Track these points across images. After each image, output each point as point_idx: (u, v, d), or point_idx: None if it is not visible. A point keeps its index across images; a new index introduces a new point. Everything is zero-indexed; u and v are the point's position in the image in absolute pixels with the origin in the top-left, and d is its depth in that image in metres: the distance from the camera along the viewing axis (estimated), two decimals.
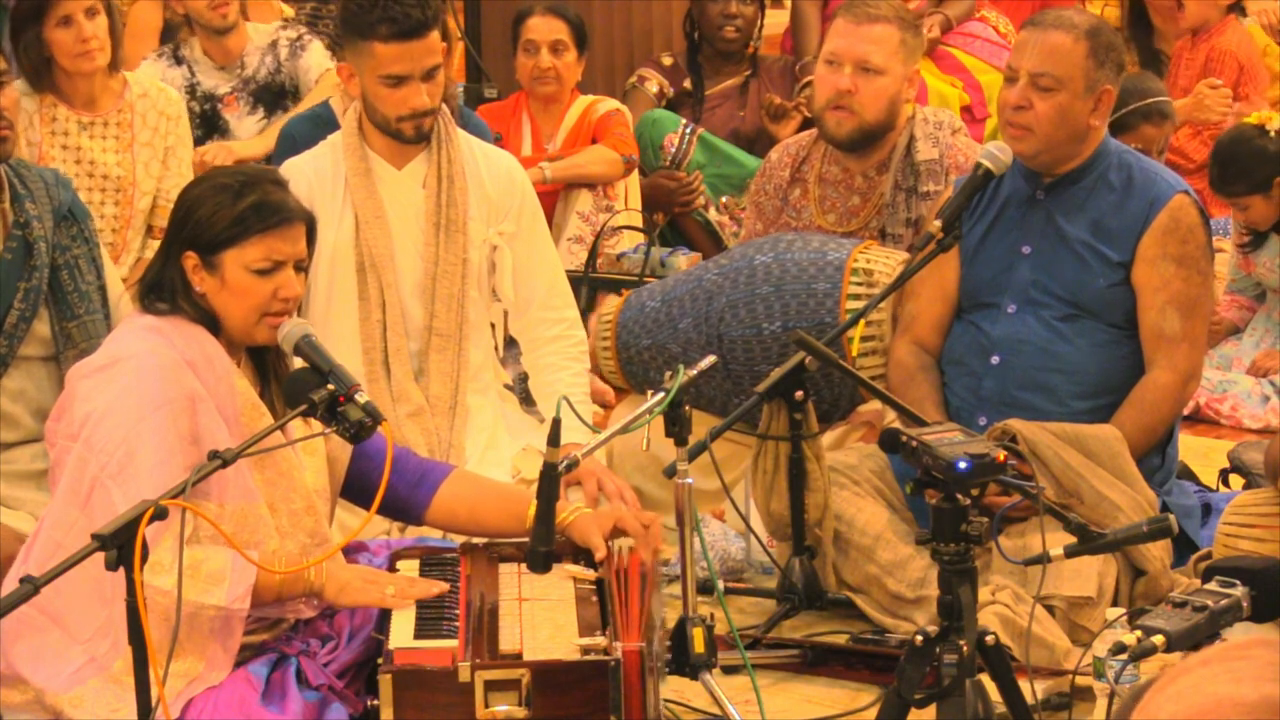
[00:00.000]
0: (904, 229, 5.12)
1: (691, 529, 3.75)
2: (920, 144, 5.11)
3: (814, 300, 4.85)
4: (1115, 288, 4.55)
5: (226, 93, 6.66)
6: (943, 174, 5.11)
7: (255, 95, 6.65)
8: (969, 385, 4.63)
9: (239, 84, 6.67)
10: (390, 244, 4.78)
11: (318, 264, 4.47)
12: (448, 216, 4.79)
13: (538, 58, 6.80)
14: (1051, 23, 4.57)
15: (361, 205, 4.77)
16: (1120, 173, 4.60)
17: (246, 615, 3.60)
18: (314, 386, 3.47)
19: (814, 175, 5.25)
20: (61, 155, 5.59)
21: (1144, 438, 4.50)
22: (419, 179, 4.81)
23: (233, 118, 6.66)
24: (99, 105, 5.69)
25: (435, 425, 4.77)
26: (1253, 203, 6.06)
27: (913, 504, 4.53)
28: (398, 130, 4.75)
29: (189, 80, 6.66)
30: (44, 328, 4.54)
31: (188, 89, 6.63)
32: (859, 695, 4.14)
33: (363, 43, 4.68)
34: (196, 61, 6.69)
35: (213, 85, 6.67)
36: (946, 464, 3.38)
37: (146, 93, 5.78)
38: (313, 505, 3.76)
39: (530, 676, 3.43)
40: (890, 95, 5.11)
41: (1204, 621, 3.55)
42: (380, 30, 4.64)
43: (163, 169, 5.77)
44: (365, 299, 4.78)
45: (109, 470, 3.55)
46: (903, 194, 5.12)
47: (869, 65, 5.09)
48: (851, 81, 5.10)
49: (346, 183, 4.79)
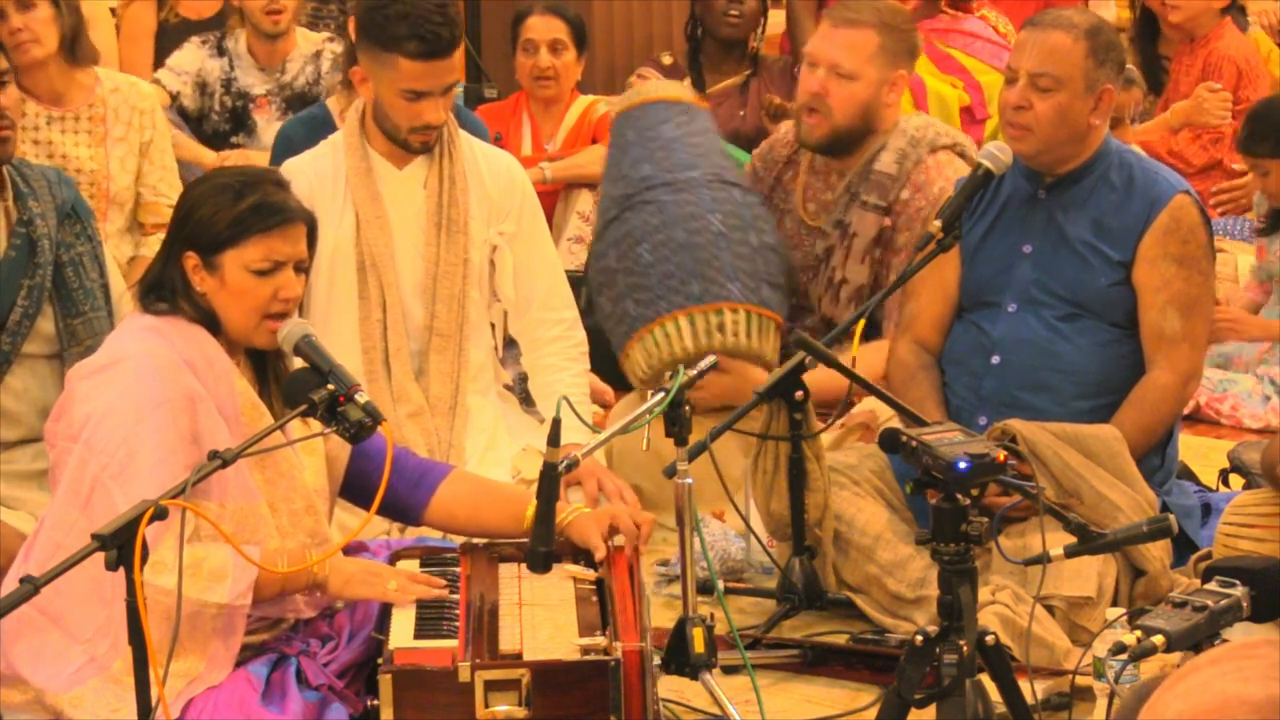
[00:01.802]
0: (832, 229, 5.16)
1: (691, 529, 3.75)
2: (885, 155, 5.15)
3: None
4: (1116, 287, 4.55)
5: (261, 94, 6.66)
6: (894, 191, 5.12)
7: (289, 102, 6.64)
8: (969, 385, 4.63)
9: (275, 88, 6.66)
10: (391, 244, 4.78)
11: (318, 263, 4.47)
12: (449, 217, 4.80)
13: (537, 57, 6.80)
14: (1051, 23, 4.57)
15: (362, 205, 4.77)
16: (1121, 172, 4.60)
17: (249, 613, 3.60)
18: (314, 386, 3.47)
19: (805, 162, 5.31)
20: (33, 150, 5.58)
21: (1144, 438, 4.50)
22: (420, 179, 4.81)
23: (262, 120, 6.65)
24: (67, 100, 5.66)
25: (435, 425, 4.77)
26: (1273, 168, 6.04)
27: (913, 504, 4.53)
28: (405, 141, 4.75)
29: (227, 74, 6.65)
30: (48, 325, 4.54)
31: (223, 82, 6.62)
32: (859, 695, 4.14)
33: (385, 54, 4.66)
34: (239, 57, 6.68)
35: (249, 84, 6.67)
36: (946, 464, 3.38)
37: (119, 88, 5.75)
38: (312, 505, 3.76)
39: (530, 676, 3.43)
40: (863, 100, 5.13)
41: (1204, 621, 3.55)
42: (408, 47, 4.62)
43: (145, 163, 5.75)
44: (365, 298, 4.78)
45: (110, 470, 3.55)
46: (847, 197, 5.16)
47: (841, 69, 5.11)
48: (823, 84, 5.12)
49: (347, 182, 4.79)
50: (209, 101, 6.67)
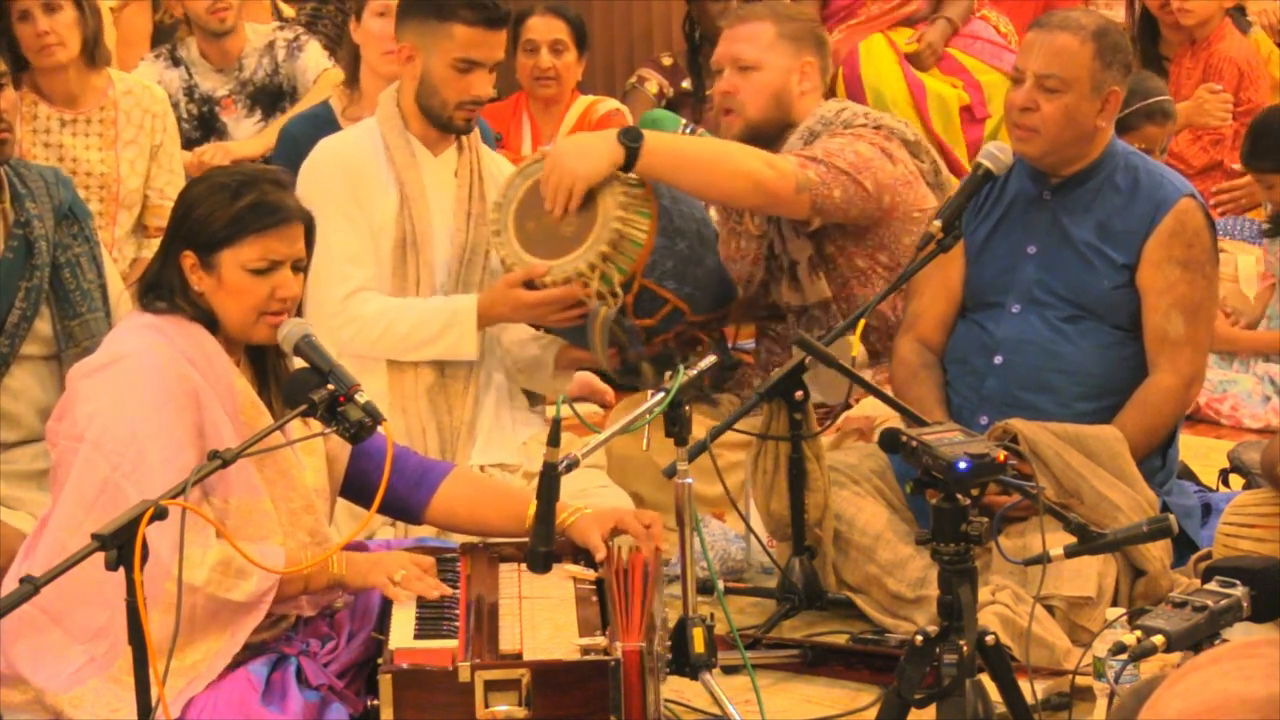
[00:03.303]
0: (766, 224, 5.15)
1: (691, 529, 3.75)
2: (792, 137, 5.07)
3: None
4: (1120, 289, 4.55)
5: (224, 95, 6.66)
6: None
7: (253, 97, 6.64)
8: (971, 384, 4.63)
9: (236, 86, 6.66)
10: (432, 223, 4.86)
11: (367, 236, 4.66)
12: (476, 208, 4.88)
13: (538, 58, 6.80)
14: (1058, 24, 4.57)
15: (408, 182, 4.85)
16: (1127, 175, 4.60)
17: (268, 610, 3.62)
18: (314, 386, 3.47)
19: None
20: (44, 154, 5.57)
21: (1145, 440, 4.50)
22: (451, 168, 4.92)
23: (230, 120, 6.65)
24: (81, 102, 5.65)
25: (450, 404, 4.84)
26: (1277, 181, 6.04)
27: (913, 504, 4.53)
28: (450, 118, 4.85)
29: (186, 82, 6.65)
30: (45, 327, 4.53)
31: (185, 90, 6.62)
32: (859, 695, 4.14)
33: (440, 24, 4.79)
34: (194, 63, 6.68)
35: (210, 87, 6.67)
36: (946, 464, 3.38)
37: (131, 90, 5.74)
38: (312, 504, 3.76)
39: (530, 676, 3.43)
40: (772, 89, 5.09)
41: (1204, 621, 3.55)
42: (465, 14, 4.77)
43: (153, 166, 5.75)
44: (402, 275, 4.85)
45: (122, 470, 3.55)
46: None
47: (742, 62, 5.11)
48: (729, 82, 5.12)
49: (391, 160, 4.85)
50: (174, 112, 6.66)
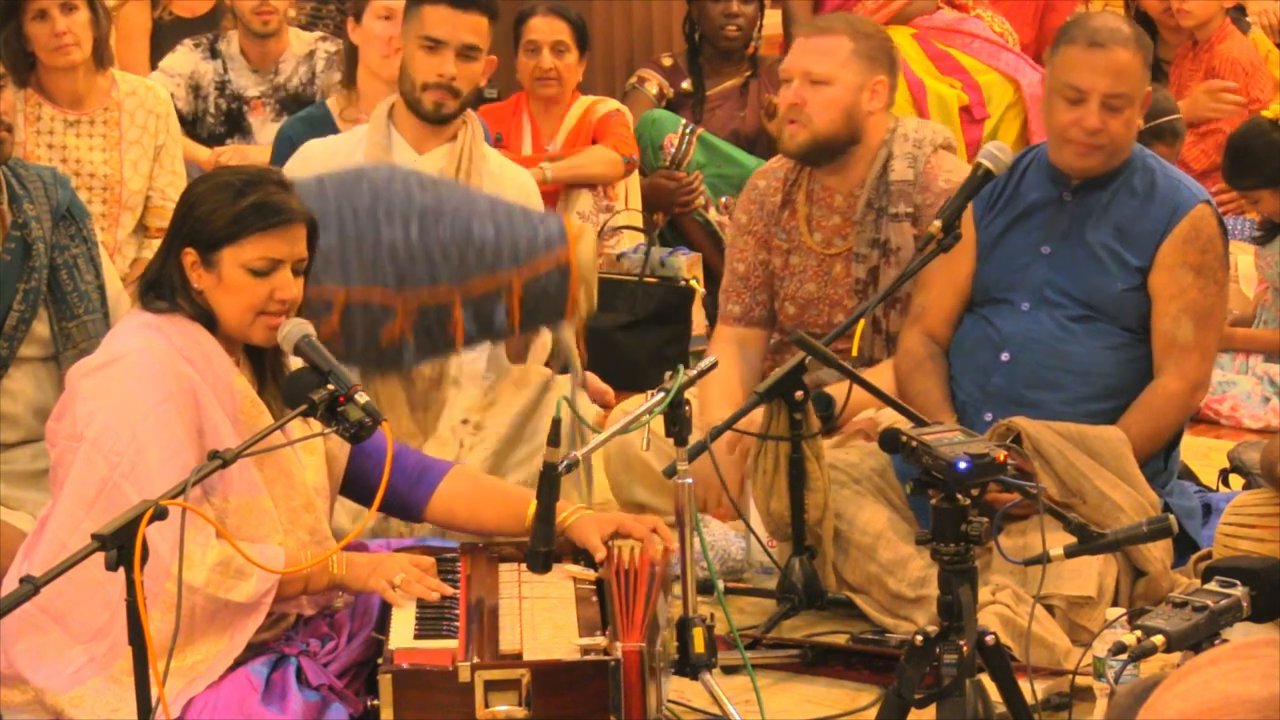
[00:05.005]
0: (869, 249, 5.06)
1: (691, 529, 3.75)
2: (897, 163, 5.06)
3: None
4: (1131, 292, 4.56)
5: (255, 96, 6.65)
6: (917, 194, 5.04)
7: (283, 103, 6.63)
8: (977, 380, 4.63)
9: (270, 89, 6.66)
10: None
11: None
12: None
13: (539, 58, 6.80)
14: (1109, 38, 4.52)
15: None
16: (1144, 178, 4.60)
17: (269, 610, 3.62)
18: (314, 386, 3.47)
19: (802, 195, 5.19)
20: (47, 155, 5.56)
21: (1149, 443, 4.50)
22: (437, 167, 4.89)
23: (257, 121, 6.65)
24: (85, 103, 5.63)
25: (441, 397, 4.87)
26: (1263, 196, 6.04)
27: (913, 503, 4.53)
28: (418, 100, 4.90)
29: (220, 76, 6.64)
30: (43, 328, 4.53)
31: (218, 85, 6.62)
32: (859, 695, 4.14)
33: (414, 7, 4.92)
34: (232, 58, 6.68)
35: (243, 86, 6.66)
36: (946, 464, 3.38)
37: (135, 91, 5.72)
38: (311, 503, 3.76)
39: (530, 676, 3.43)
40: (843, 106, 5.05)
41: (1204, 621, 3.55)
42: None
43: (155, 167, 5.74)
44: None
45: (121, 469, 3.56)
46: (873, 214, 5.06)
47: (814, 76, 5.06)
48: (798, 94, 5.07)
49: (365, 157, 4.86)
50: (203, 104, 6.66)
